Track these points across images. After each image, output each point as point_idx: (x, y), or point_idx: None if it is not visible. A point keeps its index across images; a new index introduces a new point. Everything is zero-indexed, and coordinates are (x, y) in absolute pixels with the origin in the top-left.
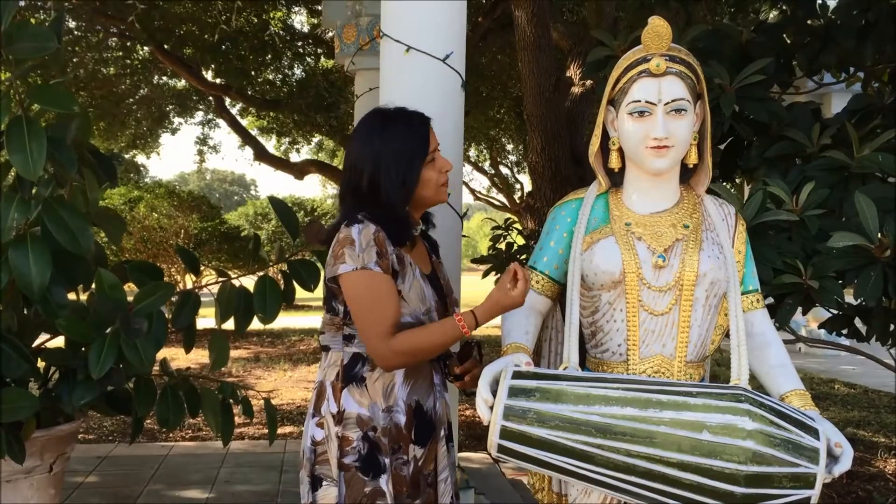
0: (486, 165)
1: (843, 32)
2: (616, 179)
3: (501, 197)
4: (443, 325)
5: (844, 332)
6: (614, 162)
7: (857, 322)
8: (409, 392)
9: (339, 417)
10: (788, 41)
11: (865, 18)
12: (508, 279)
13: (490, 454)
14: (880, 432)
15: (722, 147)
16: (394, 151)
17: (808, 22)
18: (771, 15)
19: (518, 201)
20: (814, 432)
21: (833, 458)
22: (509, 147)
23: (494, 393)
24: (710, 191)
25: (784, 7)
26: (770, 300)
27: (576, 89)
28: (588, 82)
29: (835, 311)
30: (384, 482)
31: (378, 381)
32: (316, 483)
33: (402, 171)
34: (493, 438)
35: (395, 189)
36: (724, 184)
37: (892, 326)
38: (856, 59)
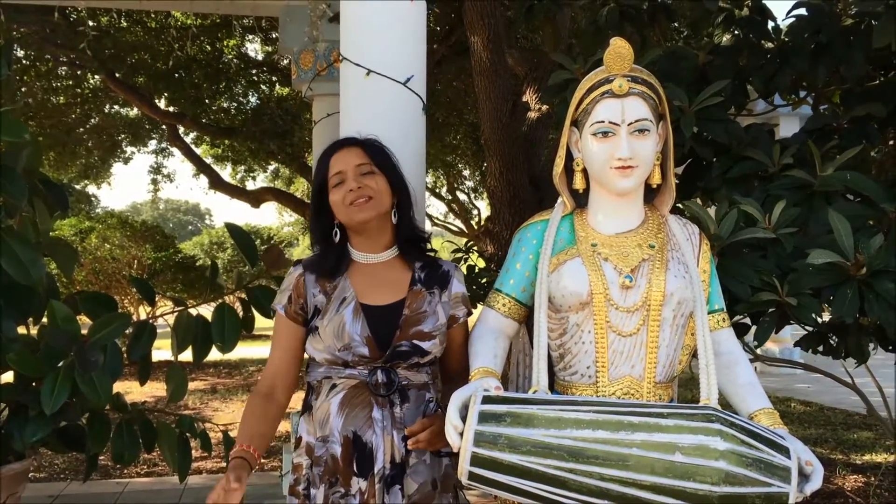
0: (444, 191)
1: (796, 54)
2: (580, 200)
3: (459, 222)
4: (246, 427)
5: (820, 349)
6: (579, 183)
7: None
8: (343, 422)
9: (297, 444)
10: (742, 64)
11: (817, 41)
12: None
13: (460, 482)
14: (837, 449)
15: (680, 170)
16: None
17: (763, 44)
18: (724, 39)
19: (475, 227)
20: (784, 451)
21: (804, 476)
22: (466, 173)
23: (464, 419)
24: (674, 210)
25: (736, 31)
26: (745, 318)
27: (532, 114)
28: (544, 107)
29: (809, 329)
30: None
31: (319, 411)
32: None
33: (313, 203)
34: (464, 466)
35: (312, 221)
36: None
37: (871, 346)
38: (810, 81)
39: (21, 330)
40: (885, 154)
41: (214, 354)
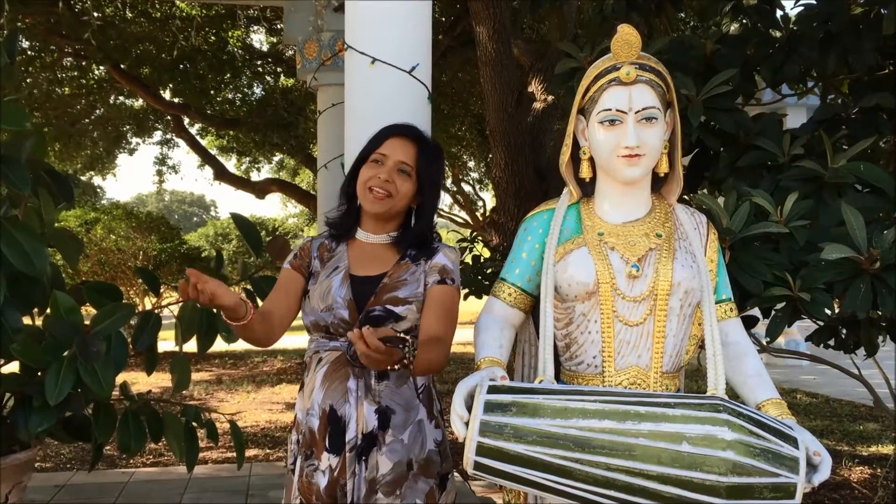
0: (448, 182)
1: (805, 43)
2: (587, 189)
3: (464, 214)
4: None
5: (831, 343)
6: (585, 171)
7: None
8: (324, 396)
9: (293, 423)
10: (749, 53)
11: (827, 29)
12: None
13: (466, 471)
14: (843, 441)
15: (686, 160)
16: None
17: (771, 33)
18: (731, 28)
19: (480, 218)
20: (793, 441)
21: (812, 466)
22: (471, 164)
23: (469, 408)
24: (680, 202)
25: (744, 20)
26: (755, 311)
27: (538, 105)
28: (550, 97)
29: (821, 323)
30: (292, 483)
31: (308, 385)
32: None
33: (353, 166)
34: (470, 455)
35: (346, 180)
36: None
37: (880, 338)
38: (819, 70)
39: (26, 320)
40: (894, 144)
41: (220, 345)
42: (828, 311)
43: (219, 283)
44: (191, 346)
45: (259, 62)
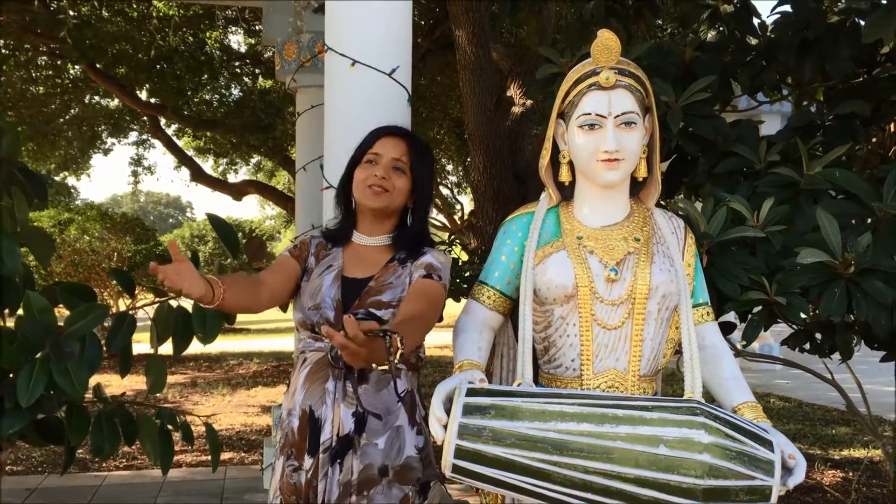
0: None
1: (782, 50)
2: (566, 193)
3: (442, 217)
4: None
5: (807, 347)
6: (565, 175)
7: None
8: (304, 396)
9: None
10: (727, 60)
11: (804, 37)
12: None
13: (444, 474)
14: (816, 445)
15: (664, 165)
16: None
17: (748, 40)
18: (709, 35)
19: (458, 222)
20: (768, 444)
21: (787, 469)
22: (449, 168)
23: (448, 411)
24: (658, 205)
25: (721, 27)
26: (730, 316)
27: (516, 109)
28: (528, 102)
29: (796, 327)
30: (272, 481)
31: (292, 385)
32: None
33: (346, 170)
34: (448, 458)
35: (340, 185)
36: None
37: (854, 341)
38: (795, 77)
39: None
40: (869, 151)
41: (195, 347)
42: (803, 315)
43: (182, 273)
44: (166, 348)
45: (237, 63)
